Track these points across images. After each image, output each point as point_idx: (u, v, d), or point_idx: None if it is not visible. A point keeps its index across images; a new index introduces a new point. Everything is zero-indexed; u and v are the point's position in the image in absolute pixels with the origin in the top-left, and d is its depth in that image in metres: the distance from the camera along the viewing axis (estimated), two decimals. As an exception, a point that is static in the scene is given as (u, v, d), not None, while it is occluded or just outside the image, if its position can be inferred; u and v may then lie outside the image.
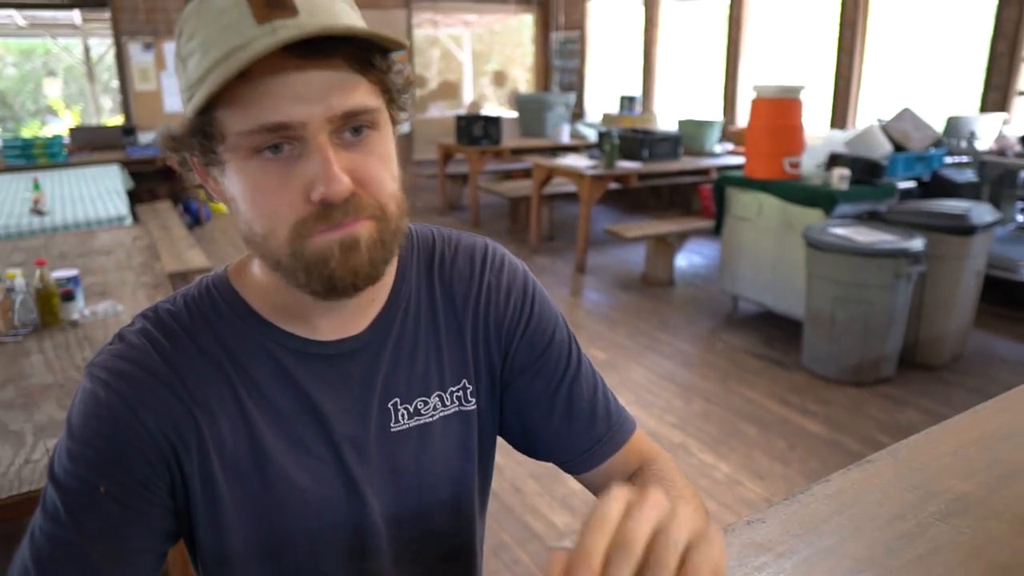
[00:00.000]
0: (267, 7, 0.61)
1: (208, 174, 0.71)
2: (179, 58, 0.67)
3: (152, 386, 0.71)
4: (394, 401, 0.81)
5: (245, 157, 0.65)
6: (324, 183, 0.64)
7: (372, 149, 0.68)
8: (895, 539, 0.80)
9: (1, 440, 1.59)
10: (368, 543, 0.82)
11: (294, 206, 0.66)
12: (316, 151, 0.64)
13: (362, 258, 0.68)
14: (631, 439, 0.89)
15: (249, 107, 0.63)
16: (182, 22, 0.66)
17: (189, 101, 0.65)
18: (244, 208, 0.68)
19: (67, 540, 0.67)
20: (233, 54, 0.61)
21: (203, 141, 0.66)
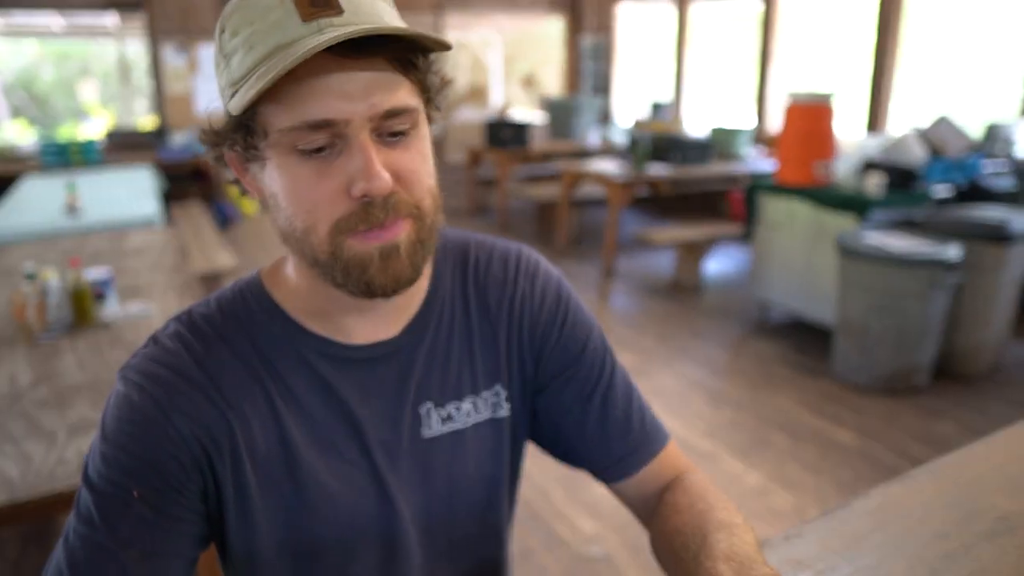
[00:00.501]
0: (313, 6, 0.62)
1: (246, 170, 0.71)
2: (221, 54, 0.67)
3: (185, 390, 0.71)
4: (427, 406, 0.81)
5: (287, 153, 0.66)
6: (366, 179, 0.64)
7: (411, 147, 0.69)
8: (939, 559, 0.78)
9: (34, 439, 1.61)
10: (398, 549, 0.81)
11: (335, 202, 0.66)
12: (358, 148, 0.64)
13: (402, 263, 0.68)
14: (664, 450, 0.87)
15: (293, 104, 0.63)
16: (224, 19, 0.67)
17: (232, 97, 0.65)
18: (284, 204, 0.68)
19: (100, 543, 0.67)
20: (278, 52, 0.61)
21: (245, 137, 0.67)
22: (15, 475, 1.46)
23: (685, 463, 0.89)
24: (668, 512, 0.79)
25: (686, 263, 5.48)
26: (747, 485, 2.87)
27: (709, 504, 0.77)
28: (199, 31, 7.84)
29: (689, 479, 0.84)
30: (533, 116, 9.49)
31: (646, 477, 0.86)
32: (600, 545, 2.53)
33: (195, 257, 4.17)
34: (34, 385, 1.88)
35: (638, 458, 0.86)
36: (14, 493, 1.41)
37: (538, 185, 7.58)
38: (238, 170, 0.72)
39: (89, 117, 11.46)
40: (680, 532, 0.74)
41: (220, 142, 0.70)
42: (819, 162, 4.27)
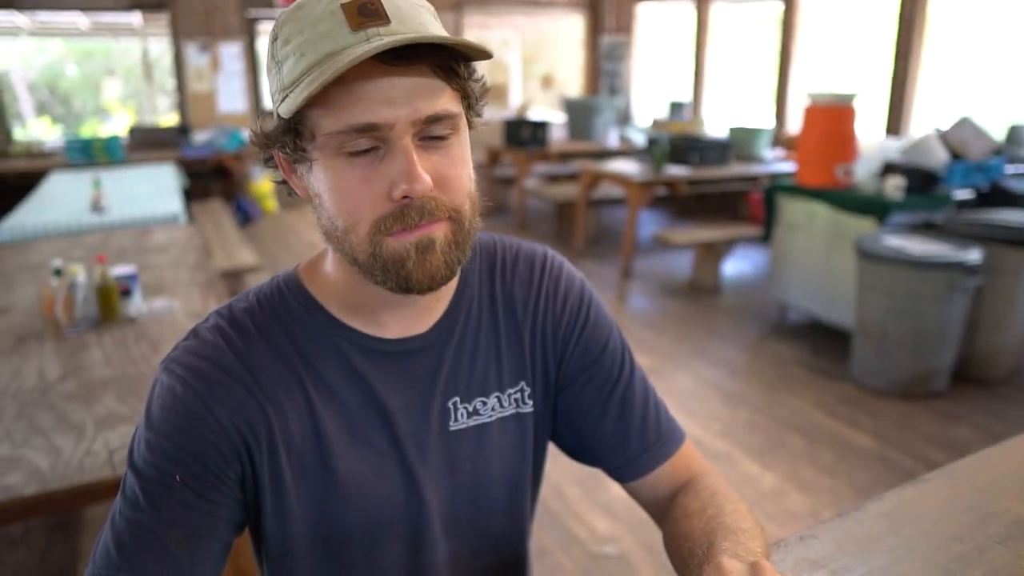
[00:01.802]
0: (361, 15, 0.65)
1: (293, 171, 0.74)
2: (274, 61, 0.70)
3: (225, 382, 0.75)
4: (454, 400, 0.83)
5: (333, 155, 0.68)
6: (407, 181, 0.67)
7: (451, 151, 0.71)
8: (952, 561, 0.79)
9: (63, 431, 1.64)
10: (424, 539, 0.84)
11: (376, 203, 0.69)
12: (401, 152, 0.67)
13: (437, 259, 0.71)
14: (680, 451, 0.89)
15: (341, 109, 0.66)
16: (277, 27, 0.70)
17: (283, 101, 0.68)
18: (328, 204, 0.71)
19: (145, 525, 0.70)
20: (328, 59, 0.64)
21: (295, 139, 0.70)
22: (45, 466, 1.50)
23: (700, 465, 0.90)
24: (679, 515, 0.82)
25: (704, 264, 5.47)
26: (763, 487, 2.88)
27: (719, 508, 0.78)
28: (221, 31, 7.91)
29: (702, 482, 0.86)
30: (552, 116, 9.50)
31: (660, 477, 0.88)
32: (615, 545, 2.55)
33: (217, 255, 4.22)
34: (62, 379, 1.92)
35: (653, 458, 0.88)
36: (45, 484, 1.44)
37: (556, 185, 7.59)
38: (286, 171, 0.75)
39: (112, 115, 11.58)
40: (688, 537, 0.76)
41: (271, 144, 0.73)
42: (840, 164, 4.25)
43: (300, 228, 7.44)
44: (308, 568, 0.82)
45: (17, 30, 9.12)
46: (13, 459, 1.53)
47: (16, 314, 2.42)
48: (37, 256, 3.14)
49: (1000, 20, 6.22)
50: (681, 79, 8.57)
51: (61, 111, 11.74)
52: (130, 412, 1.73)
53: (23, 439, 1.61)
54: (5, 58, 9.49)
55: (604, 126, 7.82)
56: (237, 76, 8.14)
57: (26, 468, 1.49)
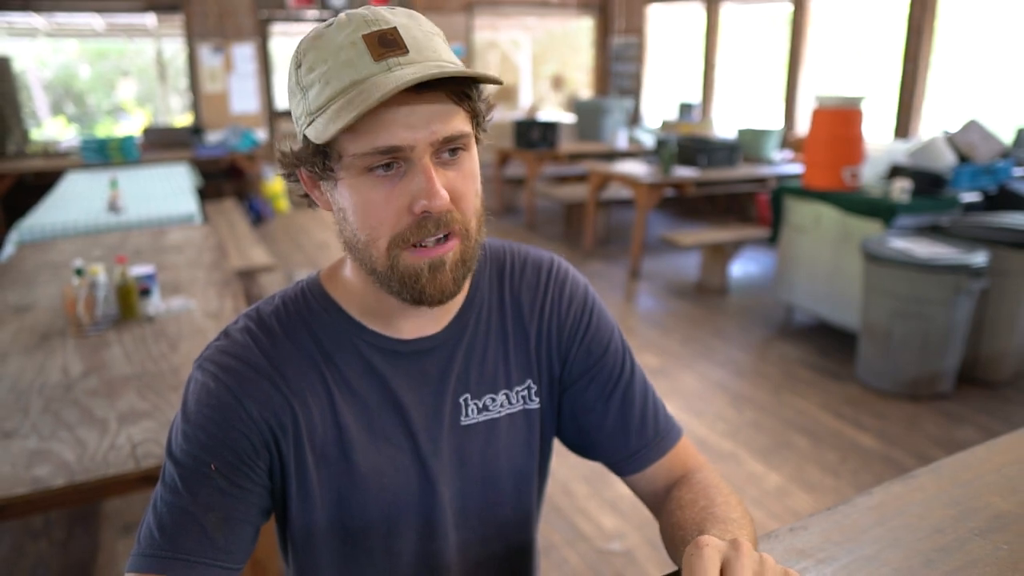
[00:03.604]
0: (382, 46, 0.71)
1: (316, 186, 0.80)
2: (299, 87, 0.76)
3: (254, 379, 0.81)
4: (465, 396, 0.89)
5: (358, 174, 0.74)
6: (427, 197, 0.73)
7: (463, 167, 0.77)
8: (933, 551, 0.84)
9: (88, 426, 1.71)
10: (436, 527, 0.90)
11: (397, 218, 0.75)
12: (420, 170, 0.73)
13: (447, 277, 0.77)
14: (676, 446, 0.95)
15: (367, 133, 0.72)
16: (299, 55, 0.75)
17: (309, 125, 0.74)
18: (352, 219, 0.77)
19: (184, 508, 0.76)
20: (353, 87, 0.70)
21: (323, 160, 0.76)
22: (72, 459, 1.56)
23: (696, 460, 0.96)
24: (673, 507, 0.87)
25: (712, 265, 5.51)
26: (768, 486, 2.92)
27: (711, 500, 0.84)
28: (234, 32, 8.00)
29: (696, 476, 0.91)
30: (561, 117, 9.54)
31: (658, 472, 0.94)
32: (621, 541, 2.60)
33: (231, 254, 4.28)
34: (85, 375, 1.99)
35: (651, 453, 0.94)
36: (72, 476, 1.50)
37: (566, 186, 7.63)
38: (308, 186, 0.82)
39: (126, 114, 11.69)
40: (680, 527, 0.82)
41: (299, 164, 0.79)
42: (847, 167, 4.29)
43: (311, 227, 7.51)
44: (329, 553, 0.88)
45: (34, 31, 9.23)
46: (41, 452, 1.59)
47: (39, 312, 2.49)
48: (57, 255, 3.21)
49: (1008, 23, 6.23)
50: (691, 80, 8.60)
51: (75, 111, 11.85)
52: (151, 408, 1.79)
53: (50, 433, 1.67)
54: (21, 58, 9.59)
55: (613, 127, 7.86)
56: (250, 77, 8.22)
57: (54, 461, 1.56)
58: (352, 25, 0.72)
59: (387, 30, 0.72)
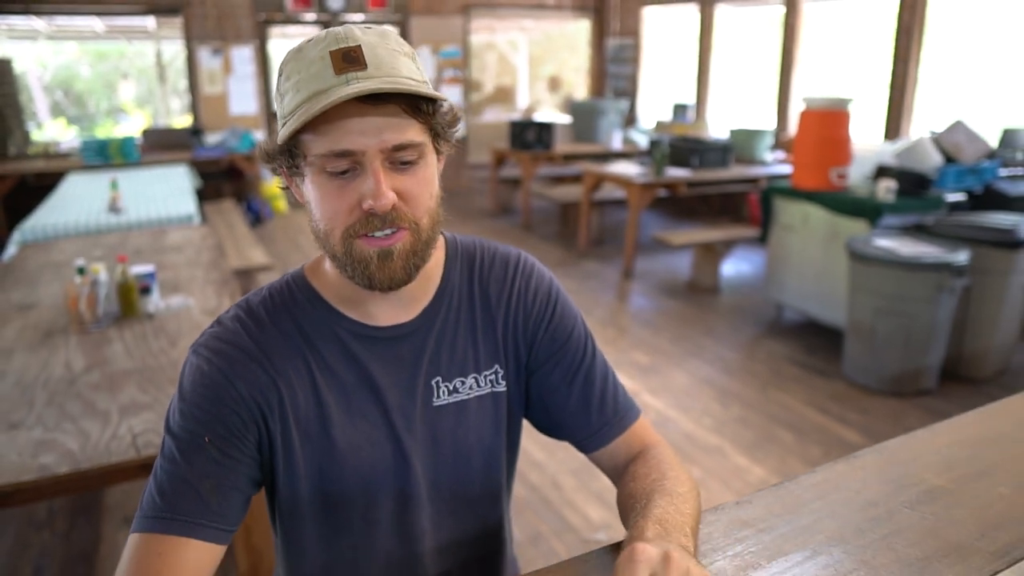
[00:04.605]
0: (344, 62, 0.80)
1: (292, 180, 0.91)
2: (278, 93, 0.87)
3: (244, 361, 0.90)
4: (436, 379, 0.98)
5: (319, 172, 0.85)
6: (374, 198, 0.83)
7: (416, 174, 0.86)
8: (865, 521, 0.92)
9: (90, 418, 1.79)
10: (411, 500, 0.98)
11: (349, 212, 0.85)
12: (371, 173, 0.83)
13: (395, 265, 0.86)
14: (634, 425, 1.03)
15: (325, 136, 0.82)
16: (283, 65, 0.86)
17: (282, 127, 0.84)
18: (314, 210, 0.88)
19: (182, 476, 0.85)
20: (315, 97, 0.80)
21: (290, 158, 0.87)
22: (75, 448, 1.64)
23: (653, 437, 1.04)
24: (628, 479, 0.96)
25: (703, 265, 5.59)
26: (751, 479, 3.00)
27: (662, 474, 0.93)
28: (233, 35, 8.08)
29: (652, 452, 0.99)
30: (558, 118, 9.62)
31: (618, 448, 1.03)
32: (607, 532, 2.68)
33: (230, 254, 4.36)
34: (87, 370, 2.06)
35: (611, 431, 1.02)
36: (76, 464, 1.58)
37: (561, 186, 7.71)
38: (288, 181, 0.92)
39: (126, 116, 11.77)
40: (633, 496, 0.91)
41: (273, 160, 0.89)
42: (834, 168, 4.37)
43: (309, 228, 7.58)
44: (313, 521, 0.97)
45: (35, 33, 9.31)
46: (46, 442, 1.67)
47: (42, 310, 2.57)
48: (59, 255, 3.29)
49: (996, 26, 6.31)
50: (685, 82, 8.68)
51: (75, 112, 11.92)
52: (151, 400, 1.87)
53: (54, 424, 1.75)
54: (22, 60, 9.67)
55: (608, 128, 7.93)
56: (248, 79, 8.29)
57: (59, 450, 1.63)
58: (325, 41, 0.82)
59: (352, 47, 0.81)
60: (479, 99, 10.01)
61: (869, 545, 0.87)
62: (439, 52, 9.09)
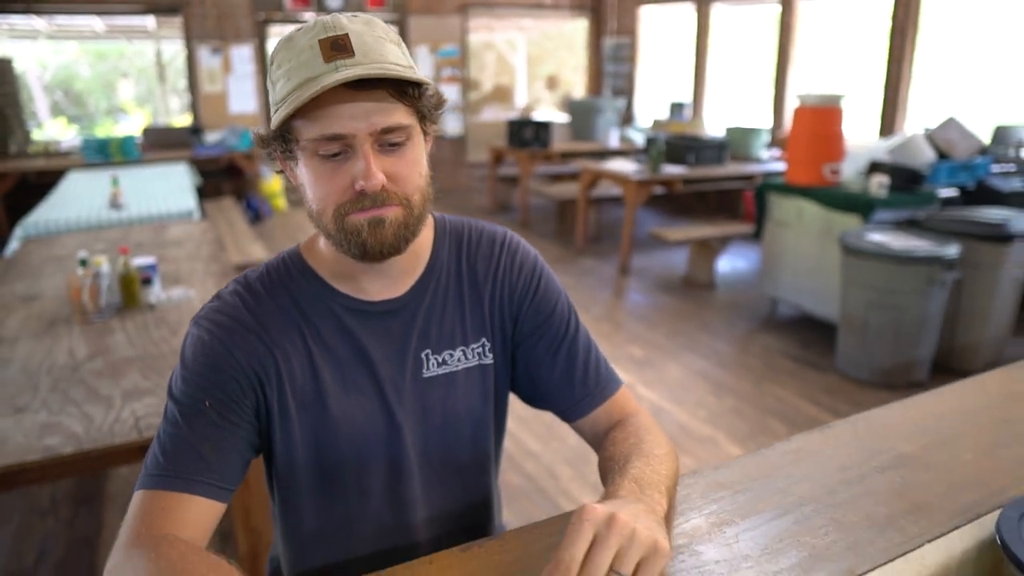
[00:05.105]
0: (333, 50, 0.85)
1: (287, 165, 0.95)
2: (270, 80, 0.91)
3: (242, 333, 0.95)
4: (426, 352, 1.03)
5: (311, 155, 0.89)
6: (364, 178, 0.87)
7: (405, 155, 0.91)
8: (837, 483, 0.96)
9: (94, 402, 1.83)
10: (402, 468, 1.03)
11: (341, 192, 0.89)
12: (361, 155, 0.87)
13: (386, 233, 0.90)
14: (616, 395, 1.08)
15: (316, 121, 0.86)
16: (274, 54, 0.91)
17: (275, 113, 0.89)
18: (308, 191, 0.92)
19: (184, 438, 0.90)
20: (306, 83, 0.84)
21: (284, 142, 0.91)
22: (80, 431, 1.68)
23: (633, 407, 1.09)
24: (608, 444, 1.01)
25: (699, 261, 5.64)
26: (744, 468, 3.04)
27: (640, 438, 0.97)
28: (233, 34, 8.12)
29: (632, 420, 1.04)
30: (556, 117, 9.67)
31: (599, 416, 1.07)
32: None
33: (229, 249, 4.41)
34: (90, 358, 2.11)
35: (593, 401, 1.07)
36: (80, 445, 1.63)
37: (559, 184, 7.75)
38: (283, 165, 0.96)
39: (126, 115, 11.81)
40: (612, 459, 0.96)
41: (267, 145, 0.94)
42: (827, 163, 4.41)
43: (308, 226, 7.56)
44: (309, 487, 1.01)
45: (35, 33, 9.35)
46: (51, 425, 1.72)
47: (45, 301, 2.62)
48: (61, 249, 3.34)
49: (989, 24, 6.36)
50: (682, 80, 8.73)
51: (75, 112, 11.96)
52: (153, 386, 1.91)
53: (59, 408, 1.80)
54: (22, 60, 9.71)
55: (606, 126, 7.98)
56: (248, 77, 8.34)
57: (63, 432, 1.68)
58: (314, 31, 0.86)
59: (340, 36, 0.85)
60: (477, 98, 10.05)
61: (839, 504, 0.92)
62: (437, 51, 9.14)
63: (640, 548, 0.71)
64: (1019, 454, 1.04)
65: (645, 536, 0.72)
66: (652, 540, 0.72)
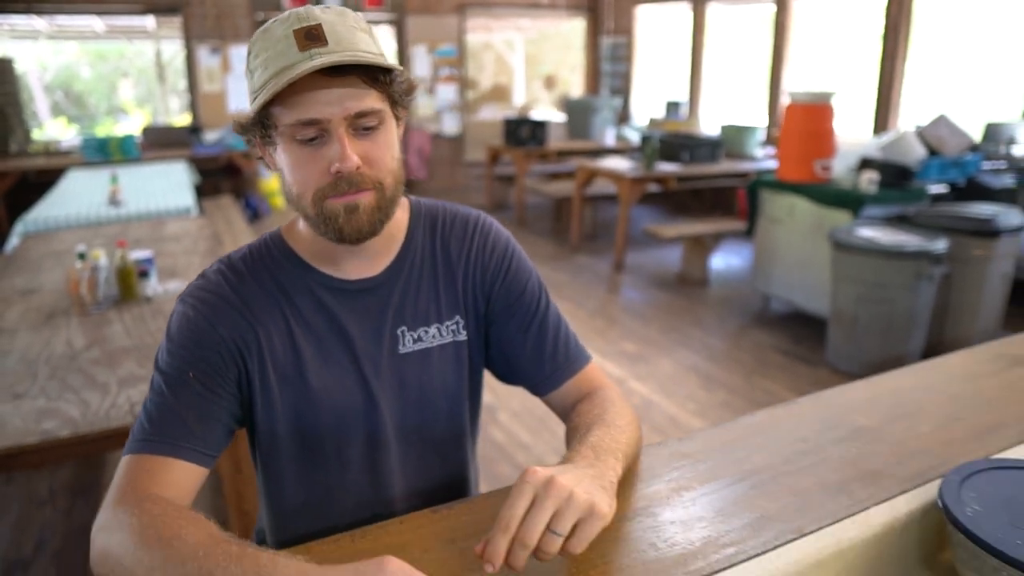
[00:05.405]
0: (306, 39, 0.89)
1: (266, 151, 1.00)
2: (248, 70, 0.96)
3: (225, 309, 1.00)
4: (402, 329, 1.08)
5: (289, 141, 0.94)
6: (340, 160, 0.92)
7: (377, 138, 0.95)
8: (793, 453, 1.01)
9: (91, 389, 1.88)
10: (379, 440, 1.08)
11: (318, 176, 0.94)
12: (336, 139, 0.92)
13: (361, 219, 0.95)
14: (584, 369, 1.13)
15: (293, 107, 0.91)
16: (251, 44, 0.95)
17: (254, 101, 0.93)
18: (287, 175, 0.97)
19: (169, 406, 0.95)
20: (282, 72, 0.89)
21: (263, 128, 0.95)
22: (77, 415, 1.73)
23: (601, 381, 1.13)
24: (575, 415, 1.06)
25: (692, 257, 5.68)
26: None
27: (604, 409, 1.02)
28: (232, 34, 8.17)
29: (599, 393, 1.09)
30: (553, 116, 9.72)
31: (568, 390, 1.12)
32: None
33: (227, 246, 4.45)
34: (88, 347, 2.16)
35: (562, 375, 1.12)
36: (77, 429, 1.68)
37: (555, 182, 7.80)
38: (262, 151, 1.01)
39: (126, 115, 11.86)
40: (577, 428, 1.00)
41: (247, 132, 0.98)
42: (818, 160, 4.46)
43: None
44: (291, 457, 1.06)
45: (36, 33, 9.41)
46: (49, 410, 1.77)
47: (44, 294, 2.66)
48: (60, 245, 3.39)
49: (982, 23, 6.41)
50: (678, 79, 8.77)
51: (75, 112, 12.01)
52: (148, 374, 1.95)
53: (57, 394, 1.85)
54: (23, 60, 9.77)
55: (602, 125, 8.03)
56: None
57: (61, 417, 1.73)
58: (289, 22, 0.91)
59: (313, 26, 0.90)
60: (475, 98, 10.10)
61: (794, 472, 0.97)
62: (435, 51, 9.18)
63: (576, 510, 0.75)
64: (973, 426, 1.09)
65: (582, 499, 0.76)
66: (589, 503, 0.76)
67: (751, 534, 0.84)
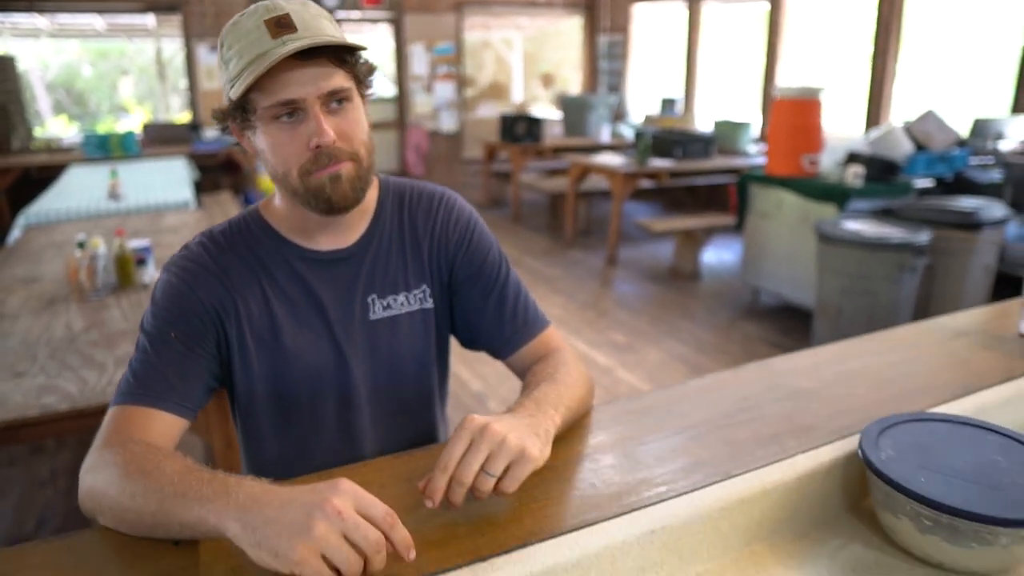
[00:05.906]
0: (278, 27, 0.98)
1: (243, 135, 1.08)
2: (222, 60, 1.04)
3: (205, 276, 1.08)
4: (372, 297, 1.16)
5: (268, 122, 1.02)
6: (318, 135, 1.00)
7: (348, 114, 1.04)
8: (734, 410, 1.09)
9: (89, 368, 1.96)
10: (352, 401, 1.17)
11: (300, 153, 1.02)
12: (312, 116, 1.00)
13: (345, 187, 1.04)
14: (542, 334, 1.21)
15: (270, 90, 0.99)
16: (222, 37, 1.03)
17: (231, 89, 1.01)
18: (269, 156, 1.05)
19: (152, 364, 1.03)
20: (258, 58, 0.97)
21: (242, 113, 1.03)
22: (75, 392, 1.82)
23: (557, 344, 1.22)
24: (529, 375, 1.14)
25: (684, 251, 5.76)
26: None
27: (555, 368, 1.11)
28: (231, 31, 8.24)
29: (555, 355, 1.17)
30: (551, 113, 9.80)
31: (527, 353, 1.21)
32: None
33: (224, 239, 4.53)
34: (86, 330, 2.24)
35: (521, 338, 1.21)
36: (75, 403, 1.76)
37: (552, 179, 7.88)
38: (238, 135, 1.09)
39: (126, 113, 11.95)
40: (528, 385, 1.09)
41: (226, 118, 1.06)
42: (806, 155, 4.54)
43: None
44: (267, 416, 1.15)
45: (37, 32, 9.50)
46: (48, 386, 1.85)
47: (45, 283, 2.75)
48: (60, 236, 3.48)
49: (971, 20, 6.48)
50: (673, 76, 8.85)
51: (77, 110, 12.10)
52: (144, 354, 2.05)
53: (56, 373, 1.93)
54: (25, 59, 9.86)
55: (598, 122, 8.11)
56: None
57: (60, 392, 1.81)
58: (258, 14, 0.99)
59: (282, 15, 0.98)
60: (474, 95, 10.18)
61: (731, 425, 1.05)
62: (433, 49, 9.26)
63: (508, 454, 0.83)
64: (905, 387, 1.17)
65: (514, 444, 0.84)
66: (520, 447, 0.84)
67: (682, 476, 0.92)
